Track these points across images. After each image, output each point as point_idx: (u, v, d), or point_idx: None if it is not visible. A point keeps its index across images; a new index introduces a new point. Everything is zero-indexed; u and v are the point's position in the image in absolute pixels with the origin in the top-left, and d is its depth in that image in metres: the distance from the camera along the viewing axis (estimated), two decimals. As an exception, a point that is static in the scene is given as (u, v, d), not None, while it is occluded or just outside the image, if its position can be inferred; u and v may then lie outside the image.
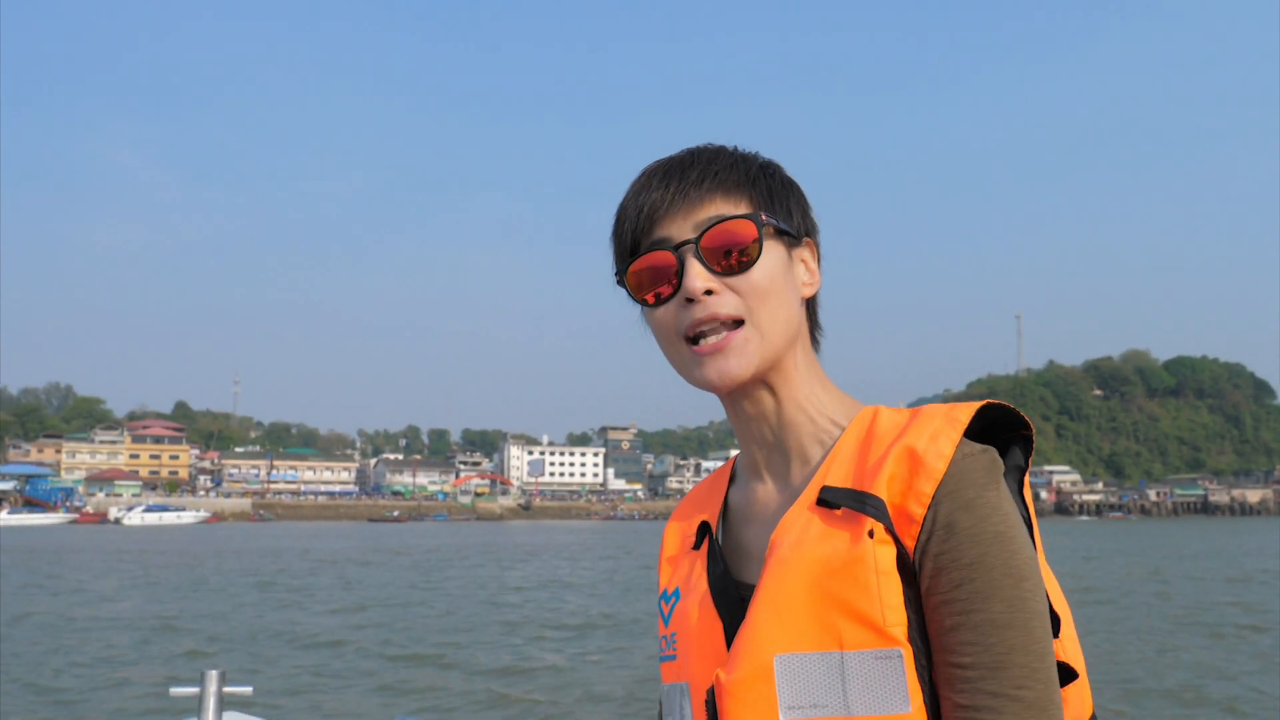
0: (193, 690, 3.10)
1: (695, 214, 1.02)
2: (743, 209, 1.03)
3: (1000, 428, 1.00)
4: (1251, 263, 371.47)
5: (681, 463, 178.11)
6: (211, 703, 3.06)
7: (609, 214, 1.00)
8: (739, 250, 1.01)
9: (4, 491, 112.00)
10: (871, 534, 0.91)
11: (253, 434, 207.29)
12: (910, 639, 0.90)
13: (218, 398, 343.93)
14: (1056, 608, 0.95)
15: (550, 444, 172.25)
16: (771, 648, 0.93)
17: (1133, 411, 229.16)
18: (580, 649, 15.28)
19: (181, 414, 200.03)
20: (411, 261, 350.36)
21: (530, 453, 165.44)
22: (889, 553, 0.91)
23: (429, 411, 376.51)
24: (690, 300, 1.01)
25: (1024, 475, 0.99)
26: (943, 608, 0.89)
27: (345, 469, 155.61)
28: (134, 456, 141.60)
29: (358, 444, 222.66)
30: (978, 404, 0.97)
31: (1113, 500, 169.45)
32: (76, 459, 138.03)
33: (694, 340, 1.02)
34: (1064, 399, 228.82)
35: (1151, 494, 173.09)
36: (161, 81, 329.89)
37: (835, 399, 1.08)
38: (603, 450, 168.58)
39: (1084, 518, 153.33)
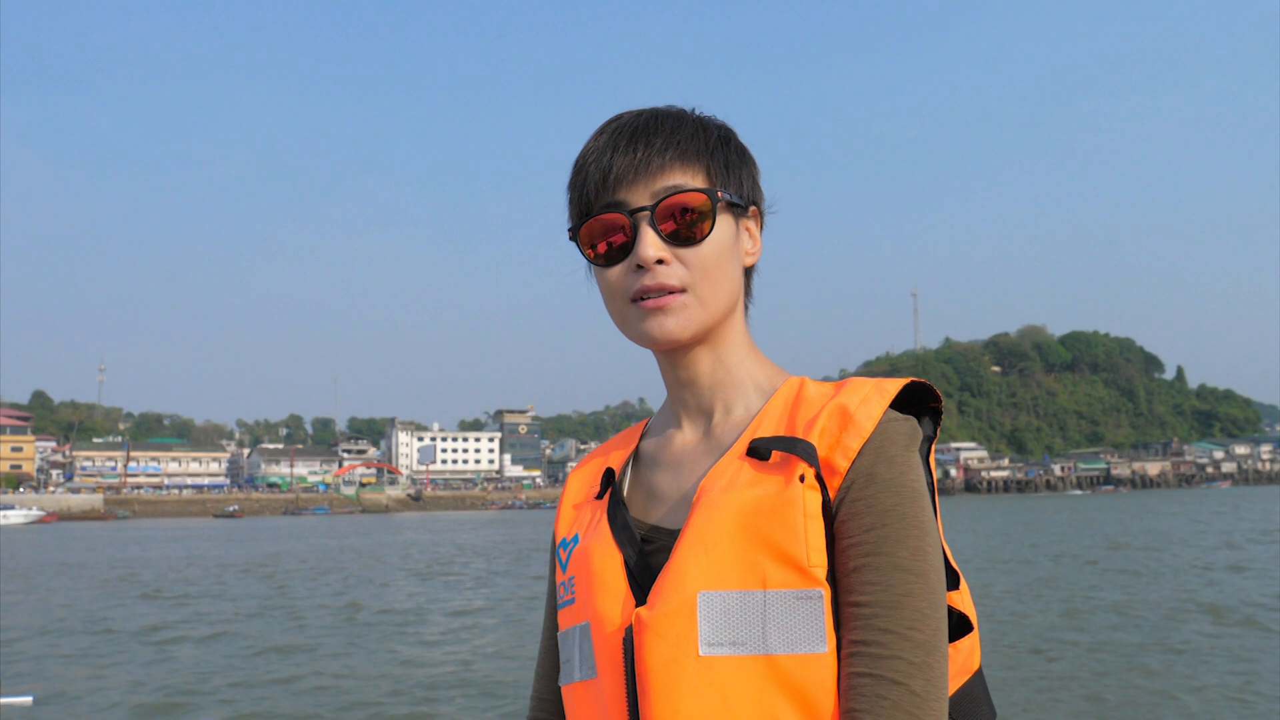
0: None
1: (654, 182, 1.04)
2: (699, 181, 1.05)
3: (914, 401, 1.05)
4: (1139, 239, 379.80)
5: (582, 447, 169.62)
6: None
7: (509, 204, 0.53)
8: (691, 223, 1.03)
9: None
10: (802, 478, 0.95)
11: (121, 425, 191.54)
12: (830, 581, 0.93)
13: (83, 389, 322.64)
14: (954, 566, 1.01)
15: (441, 430, 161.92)
16: (696, 585, 0.95)
17: (1032, 387, 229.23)
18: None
19: (39, 404, 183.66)
20: (294, 247, 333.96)
21: (420, 439, 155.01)
22: (815, 497, 0.95)
23: (314, 401, 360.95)
24: (641, 267, 1.03)
25: (931, 445, 1.04)
26: (851, 549, 0.93)
27: (215, 459, 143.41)
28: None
29: (235, 435, 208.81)
30: (905, 380, 1.02)
31: (1019, 476, 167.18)
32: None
33: (639, 300, 1.05)
34: (965, 375, 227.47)
35: (1056, 469, 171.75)
36: (35, 62, 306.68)
37: (764, 366, 1.13)
38: (498, 435, 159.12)
39: (1012, 494, 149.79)
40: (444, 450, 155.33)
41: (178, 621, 17.85)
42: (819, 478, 0.95)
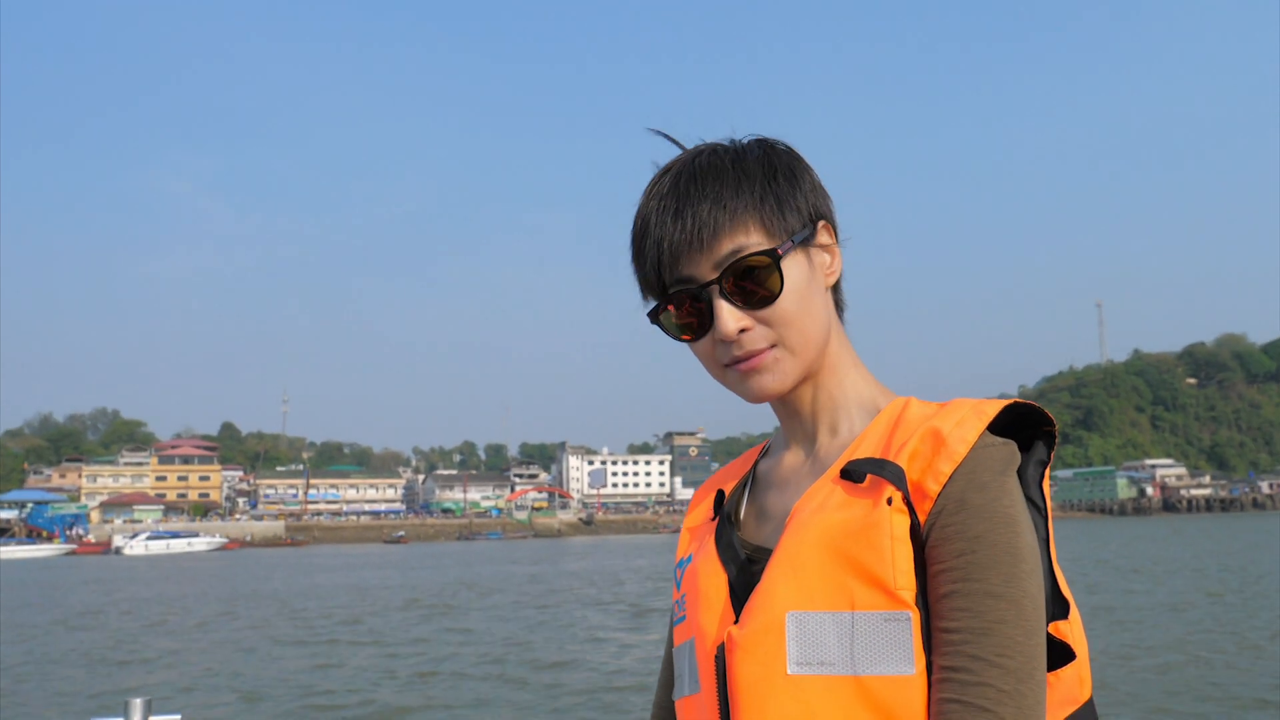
0: None
1: (714, 252, 1.02)
2: (756, 235, 1.03)
3: (1026, 424, 1.03)
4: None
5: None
6: None
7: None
8: (760, 283, 1.02)
9: (7, 521, 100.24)
10: (890, 501, 0.95)
11: (304, 455, 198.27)
12: (918, 604, 0.92)
13: (268, 420, 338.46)
14: (1065, 594, 0.99)
15: (611, 454, 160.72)
16: (785, 605, 0.96)
17: (1233, 399, 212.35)
18: None
19: (228, 436, 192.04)
20: (464, 279, 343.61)
21: (590, 463, 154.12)
22: (903, 521, 0.94)
23: (486, 428, 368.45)
24: (725, 339, 1.04)
25: (1045, 469, 1.02)
26: (942, 575, 0.92)
27: (391, 486, 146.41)
28: (160, 479, 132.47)
29: (412, 462, 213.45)
30: (1006, 401, 1.00)
31: (1222, 495, 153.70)
32: (98, 483, 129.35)
33: (733, 365, 1.06)
34: (1157, 388, 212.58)
35: (1264, 486, 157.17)
36: (212, 110, 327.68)
37: (869, 385, 1.12)
38: (668, 458, 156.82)
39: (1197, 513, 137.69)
40: (614, 474, 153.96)
41: (327, 664, 15.20)
42: (907, 501, 0.95)
